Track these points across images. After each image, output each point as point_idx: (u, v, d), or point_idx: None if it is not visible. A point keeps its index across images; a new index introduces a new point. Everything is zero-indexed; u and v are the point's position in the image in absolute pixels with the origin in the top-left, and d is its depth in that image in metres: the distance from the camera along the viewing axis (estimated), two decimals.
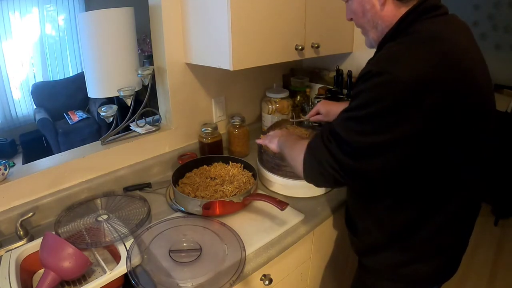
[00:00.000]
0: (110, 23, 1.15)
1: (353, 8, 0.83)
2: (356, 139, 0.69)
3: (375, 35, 0.81)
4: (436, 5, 0.74)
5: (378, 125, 0.67)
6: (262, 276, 0.97)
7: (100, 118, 3.28)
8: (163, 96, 1.37)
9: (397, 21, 0.75)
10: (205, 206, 1.04)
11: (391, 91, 0.64)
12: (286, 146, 0.94)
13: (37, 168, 1.11)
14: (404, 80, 0.63)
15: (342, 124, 0.72)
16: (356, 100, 0.70)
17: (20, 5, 3.72)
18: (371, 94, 0.67)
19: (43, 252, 0.84)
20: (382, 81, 0.65)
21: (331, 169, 0.73)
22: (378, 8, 0.77)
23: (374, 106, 0.66)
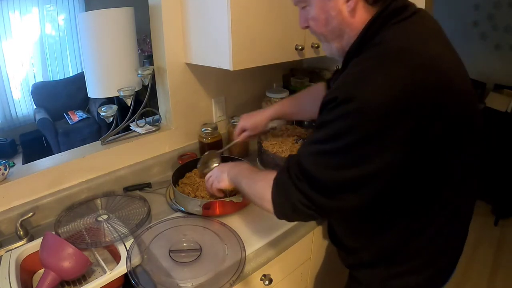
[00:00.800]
0: (110, 23, 1.15)
1: (312, 15, 0.72)
2: (328, 175, 0.62)
3: (340, 45, 0.72)
4: (403, 6, 0.67)
5: (352, 158, 0.60)
6: (262, 276, 0.97)
7: (100, 118, 3.28)
8: (163, 96, 1.37)
9: (362, 30, 0.67)
10: (205, 206, 1.04)
11: (363, 120, 0.57)
12: (243, 182, 0.84)
13: (37, 168, 1.11)
14: (376, 106, 0.56)
15: (310, 158, 0.65)
16: (323, 130, 0.63)
17: (20, 5, 3.72)
18: (340, 124, 0.60)
19: (43, 252, 0.84)
20: (352, 108, 0.58)
21: (306, 207, 0.66)
22: (346, 15, 0.68)
23: (346, 137, 0.59)
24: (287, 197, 0.68)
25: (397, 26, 0.65)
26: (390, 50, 0.62)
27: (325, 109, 0.63)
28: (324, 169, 0.63)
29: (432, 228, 0.73)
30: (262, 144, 1.24)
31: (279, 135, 1.31)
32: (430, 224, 0.73)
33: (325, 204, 0.64)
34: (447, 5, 3.24)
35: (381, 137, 0.58)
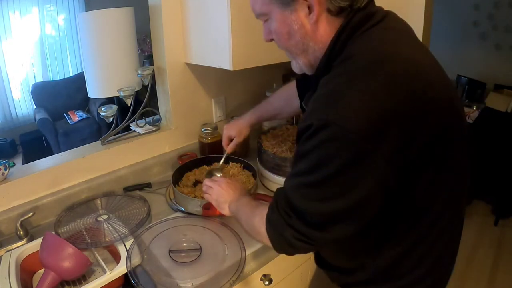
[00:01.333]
0: (110, 23, 1.15)
1: (274, 29, 0.67)
2: (316, 208, 0.59)
3: (306, 60, 0.69)
4: (369, 14, 0.62)
5: (337, 188, 0.57)
6: (262, 276, 0.97)
7: (100, 118, 3.28)
8: (163, 96, 1.37)
9: (330, 43, 0.63)
10: (205, 206, 1.03)
11: (343, 146, 0.53)
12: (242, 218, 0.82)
13: (37, 168, 1.11)
14: (354, 129, 0.52)
15: (295, 193, 0.62)
16: (304, 161, 0.59)
17: (20, 5, 3.72)
18: (320, 154, 0.56)
19: (43, 252, 0.84)
20: (330, 135, 0.54)
21: (300, 242, 0.63)
22: (308, 28, 0.63)
23: (328, 167, 0.55)
24: (281, 234, 0.65)
25: (364, 36, 0.61)
26: (359, 64, 0.58)
27: (302, 138, 0.59)
28: (311, 202, 0.59)
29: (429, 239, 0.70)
30: (262, 144, 1.24)
31: (279, 135, 1.31)
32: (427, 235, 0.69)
33: (319, 237, 0.61)
34: (447, 5, 3.24)
35: (363, 161, 0.54)
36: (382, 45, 0.60)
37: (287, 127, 1.39)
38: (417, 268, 0.73)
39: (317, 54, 0.66)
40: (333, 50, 0.63)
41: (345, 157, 0.54)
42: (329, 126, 0.54)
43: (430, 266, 0.74)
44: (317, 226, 0.60)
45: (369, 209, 0.60)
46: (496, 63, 3.18)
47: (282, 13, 0.65)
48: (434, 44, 0.73)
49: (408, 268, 0.73)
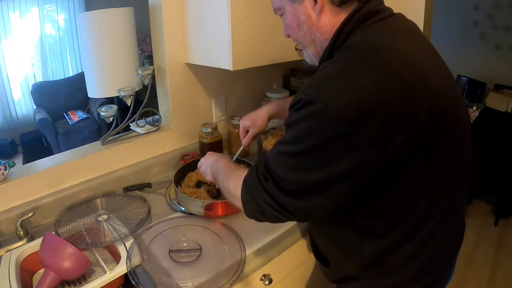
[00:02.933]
0: (110, 23, 1.15)
1: (287, 22, 0.73)
2: (292, 176, 0.62)
3: (315, 50, 0.73)
4: (375, 10, 0.65)
5: (314, 161, 0.60)
6: (262, 276, 0.97)
7: (100, 118, 3.28)
8: (163, 96, 1.37)
9: (334, 33, 0.66)
10: (207, 207, 1.03)
11: (325, 123, 0.57)
12: (219, 177, 0.85)
13: (37, 168, 1.11)
14: (338, 109, 0.55)
15: (276, 159, 0.65)
16: (289, 131, 0.63)
17: (20, 5, 3.72)
18: (303, 126, 0.59)
19: (43, 252, 0.84)
20: (314, 111, 0.57)
21: (271, 208, 0.65)
22: (314, 18, 0.68)
23: (308, 140, 0.59)
24: (254, 197, 0.68)
25: (368, 29, 0.64)
26: (357, 53, 0.62)
27: (291, 110, 0.63)
28: (289, 170, 0.62)
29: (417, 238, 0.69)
30: (262, 144, 1.24)
31: (279, 135, 1.31)
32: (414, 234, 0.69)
33: (290, 205, 0.64)
34: (447, 5, 3.25)
35: (342, 141, 0.57)
36: (381, 38, 0.63)
37: None
38: (404, 269, 0.72)
39: (323, 44, 0.70)
40: (336, 40, 0.66)
41: (325, 133, 0.57)
42: (315, 102, 0.57)
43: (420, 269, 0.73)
44: (290, 193, 0.62)
45: (341, 190, 0.61)
46: (496, 63, 3.18)
47: (292, 6, 0.71)
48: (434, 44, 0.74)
49: (394, 267, 0.72)
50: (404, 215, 0.67)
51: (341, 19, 0.66)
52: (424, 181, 0.64)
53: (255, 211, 0.70)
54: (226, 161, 0.89)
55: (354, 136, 0.56)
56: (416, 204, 0.66)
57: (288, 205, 0.64)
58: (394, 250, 0.71)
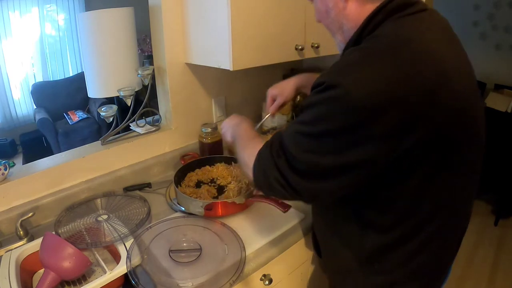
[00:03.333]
0: (110, 23, 1.15)
1: (317, 8, 0.75)
2: (304, 157, 0.62)
3: (342, 37, 0.73)
4: (408, 2, 0.65)
5: (327, 146, 0.60)
6: (262, 276, 0.97)
7: (100, 118, 3.28)
8: (163, 96, 1.37)
9: (363, 22, 0.66)
10: (207, 207, 1.03)
11: (344, 109, 0.57)
12: (237, 142, 0.87)
13: (37, 168, 1.11)
14: (358, 98, 0.55)
15: (292, 137, 0.65)
16: (307, 112, 0.63)
17: (20, 5, 3.72)
18: (322, 109, 0.60)
19: (43, 252, 0.84)
20: (335, 95, 0.57)
21: (279, 185, 0.66)
22: (341, 5, 0.69)
23: (325, 124, 0.59)
24: (265, 172, 0.69)
25: (398, 21, 0.64)
26: (383, 42, 0.61)
27: (313, 92, 0.63)
28: (301, 150, 0.63)
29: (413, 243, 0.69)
30: None
31: None
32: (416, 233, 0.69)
33: (298, 184, 0.64)
34: (447, 5, 3.24)
35: (357, 130, 0.57)
36: (409, 31, 0.62)
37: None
38: (401, 267, 0.72)
39: (350, 32, 0.69)
40: (364, 29, 0.66)
41: (341, 120, 0.57)
42: (337, 87, 0.57)
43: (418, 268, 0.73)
44: (300, 173, 0.63)
45: (350, 179, 0.62)
46: (496, 63, 3.17)
47: None
48: None
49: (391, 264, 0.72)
50: (408, 213, 0.67)
51: (368, 9, 0.66)
52: (433, 182, 0.64)
53: (263, 185, 0.71)
54: (247, 127, 0.90)
55: (369, 127, 0.56)
56: (421, 203, 0.66)
57: (297, 184, 0.64)
58: (395, 247, 0.70)
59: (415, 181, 0.63)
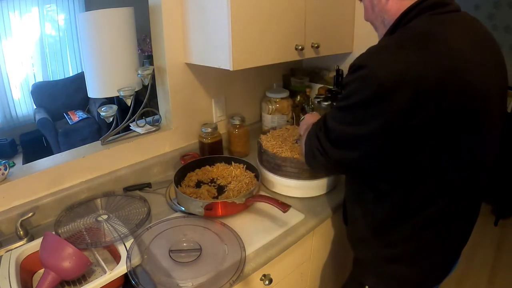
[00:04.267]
0: (110, 23, 1.15)
1: (365, 5, 0.87)
2: (337, 127, 0.75)
3: (383, 30, 0.83)
4: (441, 3, 0.73)
5: (354, 117, 0.71)
6: (262, 276, 0.97)
7: (100, 118, 3.28)
8: (163, 96, 1.37)
9: (399, 16, 0.76)
10: (207, 207, 1.03)
11: (368, 85, 0.67)
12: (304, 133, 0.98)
13: (37, 168, 1.11)
14: (380, 75, 0.65)
15: (331, 113, 0.78)
16: (343, 91, 0.74)
17: (20, 5, 3.72)
18: (353, 86, 0.70)
19: (43, 252, 0.84)
20: (362, 74, 0.68)
21: (320, 155, 0.79)
22: (383, 2, 0.79)
23: (353, 98, 0.70)
24: (310, 142, 0.83)
25: (430, 17, 0.72)
26: (410, 33, 0.70)
27: (348, 72, 0.74)
28: (335, 121, 0.75)
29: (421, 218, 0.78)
30: (262, 144, 1.24)
31: (279, 135, 1.31)
32: (428, 205, 0.77)
33: (332, 153, 0.76)
34: None
35: (377, 104, 0.66)
36: (437, 27, 0.70)
37: (287, 127, 1.39)
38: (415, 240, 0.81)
39: (389, 25, 0.80)
40: (400, 22, 0.76)
41: (365, 95, 0.67)
42: (365, 67, 0.68)
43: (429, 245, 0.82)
44: (333, 142, 0.76)
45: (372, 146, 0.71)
46: None
47: None
48: None
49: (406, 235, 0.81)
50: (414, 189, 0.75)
51: (405, 5, 0.75)
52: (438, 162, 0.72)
53: (310, 156, 0.84)
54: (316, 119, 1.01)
55: (389, 101, 0.65)
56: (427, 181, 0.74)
57: (330, 152, 0.76)
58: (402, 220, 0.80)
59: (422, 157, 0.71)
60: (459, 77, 0.67)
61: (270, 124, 1.60)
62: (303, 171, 1.14)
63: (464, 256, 0.92)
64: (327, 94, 1.53)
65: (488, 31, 0.77)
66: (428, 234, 0.80)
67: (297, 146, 1.20)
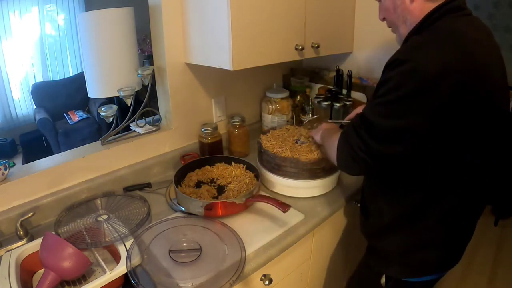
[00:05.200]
0: (110, 23, 1.15)
1: (385, 6, 0.90)
2: (380, 122, 0.75)
3: (405, 30, 0.87)
4: (460, 7, 0.80)
5: (399, 110, 0.72)
6: (262, 276, 0.97)
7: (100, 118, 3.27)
8: (163, 96, 1.37)
9: (424, 17, 0.81)
10: (207, 207, 1.03)
11: (414, 78, 0.70)
12: (326, 138, 1.01)
13: (37, 168, 1.11)
14: (426, 67, 0.69)
15: (371, 109, 0.79)
16: (384, 86, 0.76)
17: (20, 5, 3.72)
18: (395, 81, 0.72)
19: (43, 252, 0.84)
20: (407, 68, 0.71)
21: (361, 152, 0.78)
22: (407, 3, 0.83)
23: (397, 92, 0.72)
24: (347, 141, 0.82)
25: (452, 19, 0.78)
26: (444, 30, 0.76)
27: (388, 69, 0.76)
28: (379, 117, 0.75)
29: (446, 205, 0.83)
30: (262, 144, 1.24)
31: (279, 135, 1.31)
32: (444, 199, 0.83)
33: (376, 148, 0.76)
34: None
35: (424, 95, 0.69)
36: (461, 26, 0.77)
37: (287, 127, 1.39)
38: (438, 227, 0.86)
39: (412, 25, 0.84)
40: (424, 23, 0.81)
41: (410, 86, 0.70)
42: (407, 62, 0.71)
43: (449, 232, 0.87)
44: (377, 139, 0.76)
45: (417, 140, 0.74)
46: None
47: None
48: None
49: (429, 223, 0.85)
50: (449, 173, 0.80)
51: (429, 7, 0.80)
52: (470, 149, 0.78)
53: (347, 157, 0.83)
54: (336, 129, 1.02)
55: (434, 93, 0.69)
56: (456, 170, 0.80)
57: (375, 149, 0.76)
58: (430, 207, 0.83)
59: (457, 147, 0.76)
60: (489, 72, 0.75)
61: (270, 124, 1.60)
62: (303, 171, 1.14)
63: (464, 256, 0.94)
64: (327, 94, 1.53)
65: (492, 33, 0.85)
66: (452, 221, 0.86)
67: (297, 146, 1.20)
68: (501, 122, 0.83)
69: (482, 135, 0.79)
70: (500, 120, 0.82)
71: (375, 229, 0.98)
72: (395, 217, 0.90)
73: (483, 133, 0.78)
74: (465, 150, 0.78)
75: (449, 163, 0.79)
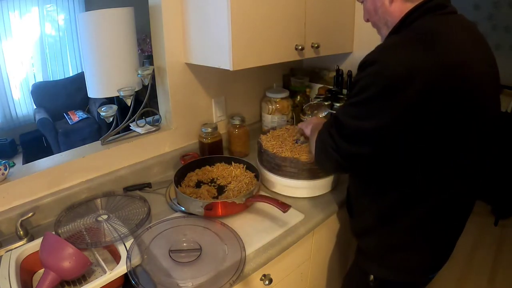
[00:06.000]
0: (110, 23, 1.15)
1: (367, 8, 0.90)
2: (349, 123, 0.76)
3: (386, 32, 0.86)
4: (442, 4, 0.78)
5: (367, 111, 0.73)
6: (262, 276, 0.97)
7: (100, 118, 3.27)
8: (163, 96, 1.37)
9: (402, 17, 0.80)
10: (207, 207, 1.03)
11: (379, 80, 0.70)
12: (312, 133, 1.01)
13: (37, 168, 1.11)
14: (391, 70, 0.69)
15: (342, 110, 0.80)
16: (355, 87, 0.76)
17: (20, 5, 3.72)
18: (365, 82, 0.73)
19: (43, 252, 0.84)
20: (374, 70, 0.71)
21: (333, 151, 0.79)
22: (387, 4, 0.83)
23: (365, 93, 0.72)
24: (321, 140, 0.84)
25: (431, 18, 0.76)
26: (415, 32, 0.75)
27: (359, 69, 0.76)
28: (348, 117, 0.76)
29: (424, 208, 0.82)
30: (262, 144, 1.24)
31: (279, 135, 1.31)
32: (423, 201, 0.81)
33: (345, 148, 0.77)
34: None
35: (391, 96, 0.69)
36: (437, 26, 0.75)
37: (287, 127, 1.39)
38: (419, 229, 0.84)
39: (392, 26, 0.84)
40: (403, 22, 0.80)
41: (377, 88, 0.70)
42: (375, 63, 0.72)
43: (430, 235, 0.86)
44: (346, 138, 0.77)
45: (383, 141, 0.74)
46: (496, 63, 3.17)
47: None
48: None
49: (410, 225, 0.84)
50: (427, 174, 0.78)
51: (408, 7, 0.79)
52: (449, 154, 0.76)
53: (322, 155, 0.85)
54: None
55: (399, 95, 0.68)
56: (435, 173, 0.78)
57: (344, 148, 0.77)
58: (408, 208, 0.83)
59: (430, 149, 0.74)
60: (465, 71, 0.71)
61: (270, 124, 1.60)
62: (303, 171, 1.14)
63: (464, 256, 0.94)
64: (327, 94, 1.53)
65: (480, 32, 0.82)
66: (431, 225, 0.84)
67: (297, 146, 1.20)
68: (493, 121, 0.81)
69: (469, 134, 0.76)
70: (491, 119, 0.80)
71: (359, 228, 0.99)
72: (376, 217, 0.89)
73: (470, 132, 0.76)
74: (450, 150, 0.76)
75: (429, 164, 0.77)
